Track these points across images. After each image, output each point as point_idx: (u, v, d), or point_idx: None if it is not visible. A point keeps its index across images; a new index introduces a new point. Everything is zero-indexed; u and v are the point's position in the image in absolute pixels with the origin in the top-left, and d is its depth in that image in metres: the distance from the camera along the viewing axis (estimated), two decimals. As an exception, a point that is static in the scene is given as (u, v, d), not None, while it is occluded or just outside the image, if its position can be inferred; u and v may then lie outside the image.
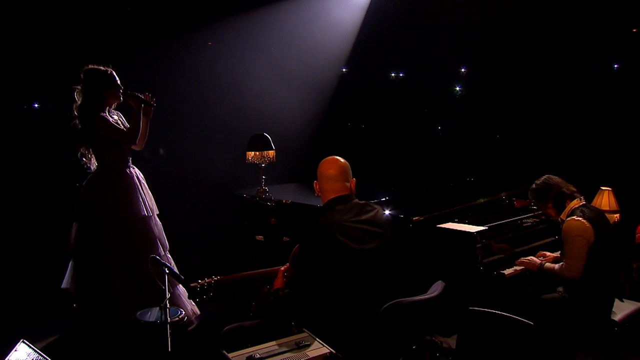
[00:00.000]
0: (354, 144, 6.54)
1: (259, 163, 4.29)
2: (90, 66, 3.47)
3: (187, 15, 5.65)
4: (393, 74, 6.88)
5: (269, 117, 5.76)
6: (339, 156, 2.51)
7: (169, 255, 3.67)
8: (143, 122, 3.55)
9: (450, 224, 3.43)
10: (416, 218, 3.43)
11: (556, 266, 3.08)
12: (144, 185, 3.62)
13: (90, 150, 3.53)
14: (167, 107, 3.63)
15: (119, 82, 3.53)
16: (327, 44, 6.16)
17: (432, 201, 3.93)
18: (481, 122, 6.14)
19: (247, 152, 4.34)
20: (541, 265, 3.18)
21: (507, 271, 3.25)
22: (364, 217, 2.37)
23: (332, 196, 2.42)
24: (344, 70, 6.73)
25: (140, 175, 3.65)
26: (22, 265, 5.03)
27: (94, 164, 3.56)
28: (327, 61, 6.33)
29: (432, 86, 6.45)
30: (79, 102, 3.46)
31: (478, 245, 3.24)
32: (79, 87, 3.46)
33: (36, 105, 5.74)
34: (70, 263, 3.55)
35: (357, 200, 2.45)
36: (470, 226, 3.35)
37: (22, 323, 3.90)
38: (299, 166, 5.79)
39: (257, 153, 4.27)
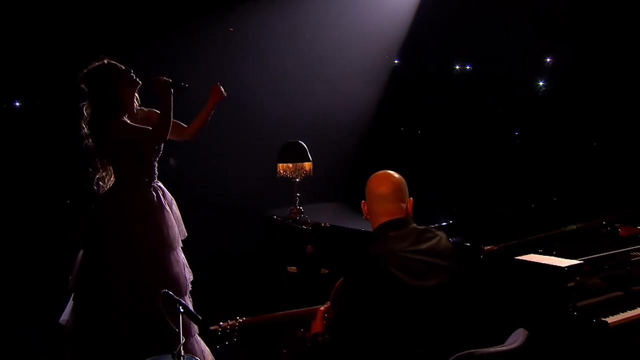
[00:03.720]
0: (409, 154, 6.50)
1: (293, 177, 4.34)
2: (86, 69, 3.47)
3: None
4: (457, 67, 6.84)
5: (305, 122, 5.79)
6: (392, 170, 2.51)
7: (188, 299, 3.65)
8: (205, 113, 3.74)
9: (532, 255, 3.36)
10: (488, 248, 3.38)
11: None
12: (167, 210, 3.57)
13: (110, 168, 3.53)
14: (179, 108, 3.67)
15: (124, 67, 3.50)
16: (375, 31, 6.18)
17: (508, 226, 3.87)
18: (571, 125, 6.00)
19: (279, 164, 4.40)
20: None
21: (611, 318, 3.12)
22: (424, 245, 2.36)
23: (384, 220, 2.42)
24: (396, 62, 6.73)
25: (168, 197, 3.64)
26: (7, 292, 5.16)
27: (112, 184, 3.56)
28: (376, 52, 6.34)
29: (508, 81, 6.35)
30: (90, 114, 3.45)
31: (571, 284, 3.15)
32: (84, 103, 3.47)
33: (17, 104, 5.87)
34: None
35: (415, 224, 2.45)
36: (560, 259, 3.25)
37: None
38: (342, 182, 5.80)
39: (291, 165, 4.32)
